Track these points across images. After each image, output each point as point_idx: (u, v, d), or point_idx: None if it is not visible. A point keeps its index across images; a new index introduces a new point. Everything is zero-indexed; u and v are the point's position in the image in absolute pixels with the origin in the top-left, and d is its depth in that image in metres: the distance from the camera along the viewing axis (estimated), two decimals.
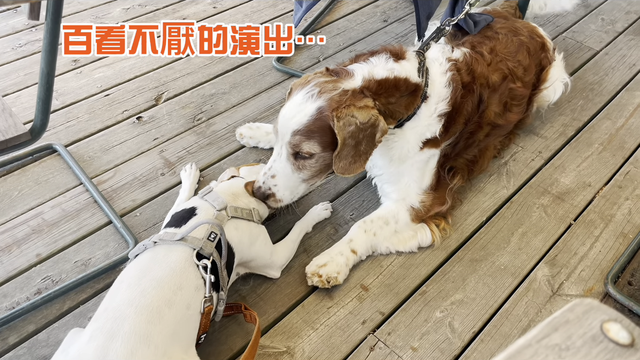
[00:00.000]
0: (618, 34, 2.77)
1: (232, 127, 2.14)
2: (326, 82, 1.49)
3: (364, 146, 1.47)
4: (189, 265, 1.27)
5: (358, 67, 1.54)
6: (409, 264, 1.68)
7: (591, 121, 2.25)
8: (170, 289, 1.21)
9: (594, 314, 0.49)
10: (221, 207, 1.44)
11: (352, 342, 1.48)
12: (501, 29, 1.95)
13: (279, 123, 1.51)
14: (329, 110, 1.43)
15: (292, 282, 1.62)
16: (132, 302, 1.17)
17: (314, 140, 1.47)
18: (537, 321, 1.54)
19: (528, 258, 1.71)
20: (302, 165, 1.52)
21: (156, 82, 2.36)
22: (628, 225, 1.82)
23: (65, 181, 1.89)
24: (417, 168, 1.71)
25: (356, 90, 1.47)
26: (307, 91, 1.48)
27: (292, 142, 1.48)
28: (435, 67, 1.64)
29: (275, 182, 1.56)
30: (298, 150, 1.49)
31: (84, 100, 2.25)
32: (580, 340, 0.47)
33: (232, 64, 2.48)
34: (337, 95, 1.45)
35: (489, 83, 1.75)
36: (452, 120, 1.67)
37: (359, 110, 1.43)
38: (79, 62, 2.45)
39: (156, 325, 1.15)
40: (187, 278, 1.25)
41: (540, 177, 1.99)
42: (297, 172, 1.54)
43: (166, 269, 1.24)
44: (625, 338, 0.47)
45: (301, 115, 1.46)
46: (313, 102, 1.46)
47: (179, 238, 1.30)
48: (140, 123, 2.15)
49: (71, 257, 1.66)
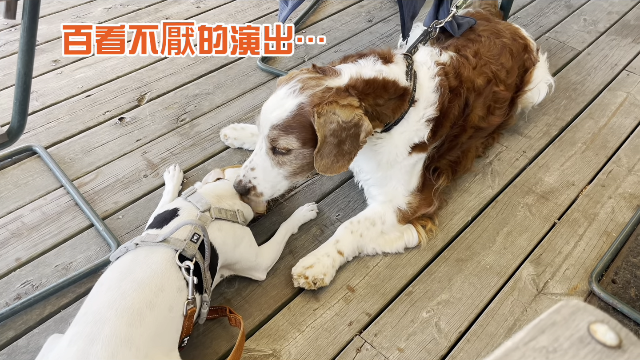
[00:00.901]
0: (600, 34, 2.80)
1: (216, 127, 2.12)
2: (310, 78, 1.48)
3: (347, 146, 1.45)
4: (171, 267, 1.25)
5: (345, 67, 1.53)
6: (395, 265, 1.68)
7: (574, 120, 2.27)
8: (152, 291, 1.19)
9: (581, 315, 0.49)
10: (205, 208, 1.42)
11: (339, 344, 1.47)
12: (484, 31, 1.96)
13: (261, 116, 1.50)
14: (310, 106, 1.41)
15: (277, 284, 1.60)
16: (112, 304, 1.15)
17: (293, 135, 1.44)
18: (522, 320, 1.55)
19: (513, 257, 1.72)
20: (281, 160, 1.51)
21: (139, 83, 2.32)
22: (611, 224, 1.83)
23: (46, 183, 1.85)
24: (405, 172, 1.70)
25: (341, 88, 1.46)
26: (290, 87, 1.46)
27: (270, 136, 1.47)
28: (424, 71, 1.63)
29: (254, 175, 1.54)
30: (275, 145, 1.47)
31: (64, 101, 2.21)
32: (568, 342, 0.46)
33: (216, 64, 2.45)
34: (319, 92, 1.43)
35: (475, 87, 1.75)
36: (440, 125, 1.66)
37: (342, 108, 1.41)
38: (60, 62, 2.41)
39: (137, 328, 1.13)
40: (169, 279, 1.23)
41: (525, 177, 2.00)
42: (277, 168, 1.52)
43: (147, 271, 1.22)
44: (613, 339, 0.47)
45: (281, 110, 1.44)
46: (295, 97, 1.44)
47: (161, 239, 1.28)
48: (123, 124, 2.12)
49: (52, 261, 1.63)
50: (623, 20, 2.91)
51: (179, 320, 1.24)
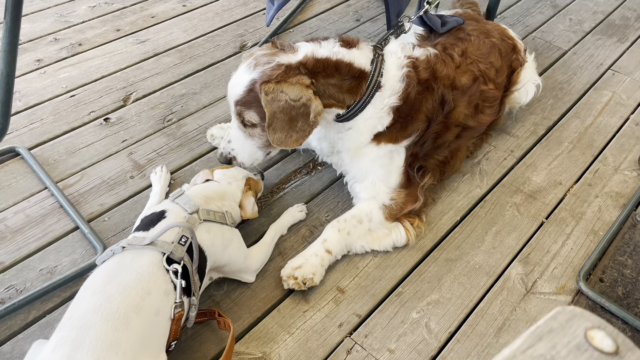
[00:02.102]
0: (586, 34, 2.82)
1: (203, 128, 2.10)
2: (265, 54, 1.54)
3: (300, 123, 1.50)
4: (158, 270, 1.23)
5: (304, 45, 1.57)
6: (384, 265, 1.67)
7: (561, 120, 2.28)
8: (138, 295, 1.17)
9: (578, 322, 0.48)
10: (192, 210, 1.40)
11: (329, 346, 1.47)
12: (473, 30, 1.96)
13: (228, 92, 1.58)
14: (259, 82, 1.48)
15: (267, 286, 1.59)
16: (98, 309, 1.13)
17: (252, 110, 1.53)
18: (511, 320, 1.55)
19: (502, 257, 1.72)
20: (251, 133, 1.60)
21: (124, 82, 2.29)
22: (598, 223, 1.85)
23: (29, 186, 1.82)
24: (379, 165, 1.70)
25: (291, 65, 1.50)
26: (247, 63, 1.54)
27: (235, 111, 1.57)
28: (392, 60, 1.65)
29: (232, 147, 1.66)
30: (242, 119, 1.57)
31: (48, 102, 2.17)
32: (565, 350, 0.46)
33: (203, 64, 2.43)
34: (269, 69, 1.49)
35: (456, 85, 1.76)
36: (409, 117, 1.66)
37: (290, 86, 1.46)
38: (43, 61, 2.37)
39: (123, 332, 1.11)
40: (156, 283, 1.21)
41: (513, 176, 2.01)
42: (250, 139, 1.62)
43: (133, 274, 1.20)
44: (610, 346, 0.46)
45: (239, 87, 1.52)
46: (249, 74, 1.51)
47: (148, 242, 1.26)
48: (108, 124, 2.09)
49: (36, 265, 1.59)
50: (608, 19, 2.94)
51: (166, 324, 1.22)
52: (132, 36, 2.56)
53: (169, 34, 2.60)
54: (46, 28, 2.57)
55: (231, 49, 2.53)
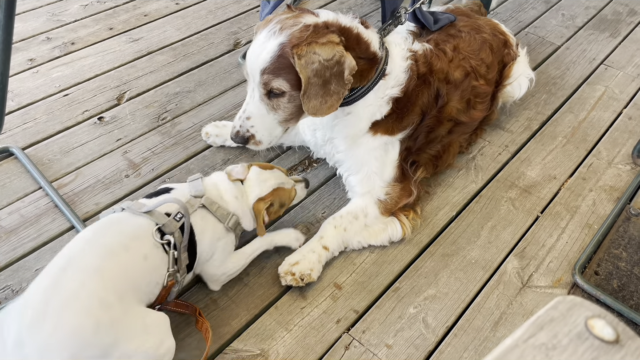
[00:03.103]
0: (578, 29, 2.83)
1: (198, 126, 2.09)
2: (288, 18, 1.46)
3: (333, 85, 1.44)
4: (148, 234, 1.27)
5: (324, 12, 1.53)
6: (381, 261, 1.68)
7: (555, 115, 2.29)
8: (128, 237, 1.24)
9: (578, 311, 0.49)
10: (196, 194, 1.41)
11: (327, 342, 1.47)
12: (464, 27, 1.97)
13: (247, 65, 1.48)
14: (289, 46, 1.40)
15: (264, 283, 1.59)
16: (89, 241, 1.22)
17: (281, 77, 1.44)
18: (508, 314, 1.56)
19: (498, 251, 1.73)
20: (275, 104, 1.50)
21: (118, 81, 2.28)
22: (593, 216, 1.86)
23: (24, 185, 1.81)
24: (374, 157, 1.70)
25: (319, 24, 1.44)
26: (269, 29, 1.44)
27: (262, 81, 1.45)
28: (397, 50, 1.65)
29: (252, 124, 1.52)
30: (270, 88, 1.46)
31: (41, 101, 2.16)
32: (566, 339, 0.46)
33: (197, 62, 2.42)
34: (297, 31, 1.41)
35: (449, 79, 1.76)
36: (406, 109, 1.67)
37: (322, 46, 1.39)
38: (36, 60, 2.35)
39: (109, 262, 1.18)
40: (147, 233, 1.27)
41: (508, 171, 2.02)
42: (272, 113, 1.51)
43: (127, 226, 1.27)
44: (610, 334, 0.47)
45: (265, 53, 1.42)
46: (275, 38, 1.42)
47: (146, 210, 1.30)
48: (102, 123, 2.08)
49: (32, 265, 1.59)
50: (600, 14, 2.96)
51: (153, 277, 1.26)
52: (125, 34, 2.55)
53: (162, 32, 2.59)
54: (38, 27, 2.56)
55: (225, 47, 2.53)
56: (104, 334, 1.09)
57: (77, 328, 1.07)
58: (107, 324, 1.10)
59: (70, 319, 1.08)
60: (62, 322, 1.07)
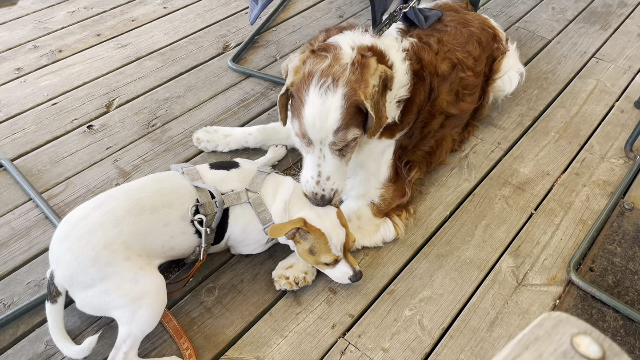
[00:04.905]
0: (569, 22, 2.83)
1: (188, 131, 2.08)
2: (329, 66, 1.41)
3: (381, 102, 1.47)
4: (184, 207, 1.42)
5: (339, 38, 1.50)
6: (376, 264, 1.67)
7: (547, 110, 2.28)
8: (161, 202, 1.39)
9: (563, 328, 0.48)
10: (251, 189, 1.49)
11: (323, 348, 1.46)
12: (451, 21, 1.96)
13: (310, 132, 1.42)
14: (354, 94, 1.39)
15: (258, 289, 1.58)
16: (129, 192, 1.40)
17: (353, 125, 1.43)
18: (504, 313, 1.55)
19: (492, 250, 1.72)
20: (345, 151, 1.50)
21: (106, 88, 2.26)
22: (587, 212, 1.85)
23: (13, 197, 1.79)
24: (373, 160, 1.70)
25: (359, 59, 1.43)
26: (318, 84, 1.39)
27: (336, 140, 1.43)
28: (393, 53, 1.63)
29: (333, 182, 1.50)
30: (346, 143, 1.45)
31: (30, 111, 2.14)
32: (552, 358, 0.45)
33: (186, 66, 2.40)
34: (351, 74, 1.40)
35: (438, 71, 1.76)
36: (407, 110, 1.66)
37: (373, 76, 1.42)
38: (23, 70, 2.33)
39: (131, 217, 1.34)
40: (180, 207, 1.41)
41: (501, 168, 2.01)
42: (343, 160, 1.51)
43: (170, 188, 1.43)
44: (596, 352, 0.46)
45: (334, 112, 1.39)
46: (334, 93, 1.39)
47: (197, 185, 1.45)
48: (92, 132, 2.06)
49: (23, 278, 1.57)
50: (590, 7, 2.95)
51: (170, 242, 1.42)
52: (112, 41, 2.53)
53: (150, 37, 2.57)
54: (25, 35, 2.53)
55: (214, 50, 2.51)
56: (98, 268, 1.29)
57: (80, 255, 1.29)
58: (104, 261, 1.29)
59: (80, 247, 1.29)
60: (74, 247, 1.30)
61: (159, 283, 1.35)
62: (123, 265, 1.31)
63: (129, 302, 1.30)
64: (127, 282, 1.30)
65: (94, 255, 1.29)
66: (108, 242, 1.30)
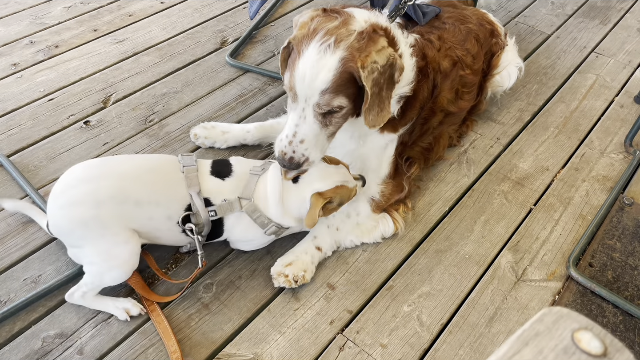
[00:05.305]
0: (568, 17, 2.81)
1: (186, 127, 2.06)
2: (337, 27, 1.36)
3: (385, 91, 1.41)
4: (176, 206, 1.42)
5: (356, 11, 1.45)
6: (374, 259, 1.66)
7: (546, 105, 2.27)
8: (149, 199, 1.39)
9: (564, 323, 0.47)
10: (243, 197, 1.45)
11: (321, 344, 1.45)
12: (448, 18, 1.94)
13: (298, 86, 1.38)
14: (352, 60, 1.34)
15: (256, 286, 1.57)
16: (122, 176, 1.39)
17: (342, 94, 1.38)
18: (503, 309, 1.55)
19: (491, 245, 1.71)
20: (329, 121, 1.44)
21: (103, 84, 2.25)
22: (586, 207, 1.85)
23: (10, 193, 1.78)
24: (375, 155, 1.69)
25: (369, 31, 1.38)
26: (320, 42, 1.34)
27: (321, 102, 1.37)
28: (404, 47, 1.61)
29: (306, 147, 1.44)
30: (330, 108, 1.39)
31: (26, 106, 2.13)
32: (552, 354, 0.44)
33: (184, 62, 2.39)
34: (355, 42, 1.34)
35: (441, 69, 1.74)
36: (410, 106, 1.65)
37: (378, 53, 1.36)
38: (19, 65, 2.31)
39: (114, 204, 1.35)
40: (168, 206, 1.41)
41: (500, 164, 2.00)
42: (324, 129, 1.45)
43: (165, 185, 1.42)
44: (598, 348, 0.45)
45: (325, 72, 1.34)
46: (332, 53, 1.33)
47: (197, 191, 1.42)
48: (88, 127, 2.05)
49: (19, 275, 1.56)
50: (590, 2, 2.93)
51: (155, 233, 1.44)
52: (109, 36, 2.52)
53: (148, 32, 2.55)
54: (21, 31, 2.51)
55: (212, 45, 2.49)
56: (74, 238, 1.39)
57: (59, 223, 1.39)
58: (78, 235, 1.37)
59: (60, 216, 1.37)
60: (57, 213, 1.38)
61: (132, 252, 1.40)
62: (97, 240, 1.37)
63: (101, 262, 1.39)
64: (101, 251, 1.38)
65: (70, 228, 1.37)
66: (83, 220, 1.34)
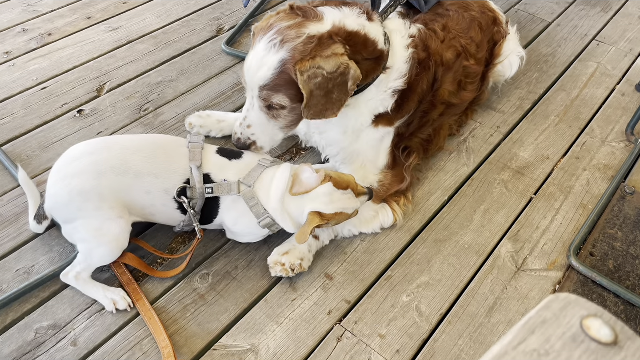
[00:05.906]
0: (569, 5, 2.77)
1: (181, 116, 2.03)
2: (289, 27, 1.38)
3: (335, 94, 1.40)
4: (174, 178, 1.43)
5: (328, 10, 1.44)
6: (372, 249, 1.64)
7: (546, 93, 2.24)
8: (149, 170, 1.40)
9: (572, 310, 0.45)
10: (245, 182, 1.44)
11: (319, 334, 1.43)
12: (451, 5, 1.91)
13: (245, 75, 1.45)
14: (292, 62, 1.35)
15: (252, 276, 1.55)
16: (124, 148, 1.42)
17: (282, 93, 1.41)
18: (503, 298, 1.53)
19: (491, 235, 1.69)
20: (275, 114, 1.49)
21: (97, 72, 2.21)
22: (587, 196, 1.82)
23: (2, 183, 1.75)
24: (370, 147, 1.66)
25: (323, 36, 1.37)
26: (269, 39, 1.38)
27: (261, 96, 1.43)
28: (398, 39, 1.58)
29: (252, 132, 1.53)
30: (269, 103, 1.45)
31: (18, 95, 2.09)
32: (560, 342, 0.42)
33: (179, 49, 2.35)
34: (300, 45, 1.35)
35: (443, 61, 1.71)
36: (406, 99, 1.62)
37: (326, 59, 1.35)
38: (12, 53, 2.27)
39: (114, 175, 1.37)
40: (167, 178, 1.42)
41: (500, 152, 1.97)
42: (273, 120, 1.50)
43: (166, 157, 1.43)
44: (608, 335, 0.43)
45: (265, 69, 1.38)
46: (275, 53, 1.37)
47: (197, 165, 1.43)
48: (82, 116, 2.02)
49: (12, 265, 1.54)
50: None
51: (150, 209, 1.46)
52: (103, 24, 2.47)
53: (142, 19, 2.51)
54: (14, 18, 2.47)
55: (207, 33, 2.45)
56: (70, 210, 1.39)
57: (58, 195, 1.39)
58: (75, 206, 1.38)
59: (60, 187, 1.39)
60: (56, 185, 1.40)
61: (123, 229, 1.42)
62: (92, 213, 1.38)
63: (91, 239, 1.41)
64: (93, 226, 1.39)
65: (68, 199, 1.38)
66: (83, 190, 1.36)
